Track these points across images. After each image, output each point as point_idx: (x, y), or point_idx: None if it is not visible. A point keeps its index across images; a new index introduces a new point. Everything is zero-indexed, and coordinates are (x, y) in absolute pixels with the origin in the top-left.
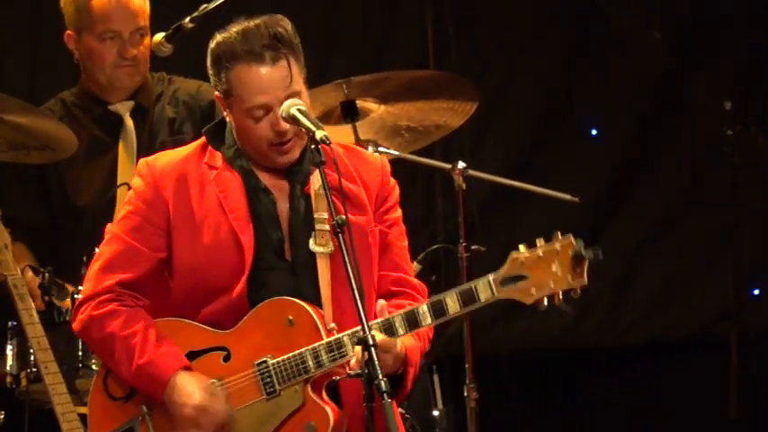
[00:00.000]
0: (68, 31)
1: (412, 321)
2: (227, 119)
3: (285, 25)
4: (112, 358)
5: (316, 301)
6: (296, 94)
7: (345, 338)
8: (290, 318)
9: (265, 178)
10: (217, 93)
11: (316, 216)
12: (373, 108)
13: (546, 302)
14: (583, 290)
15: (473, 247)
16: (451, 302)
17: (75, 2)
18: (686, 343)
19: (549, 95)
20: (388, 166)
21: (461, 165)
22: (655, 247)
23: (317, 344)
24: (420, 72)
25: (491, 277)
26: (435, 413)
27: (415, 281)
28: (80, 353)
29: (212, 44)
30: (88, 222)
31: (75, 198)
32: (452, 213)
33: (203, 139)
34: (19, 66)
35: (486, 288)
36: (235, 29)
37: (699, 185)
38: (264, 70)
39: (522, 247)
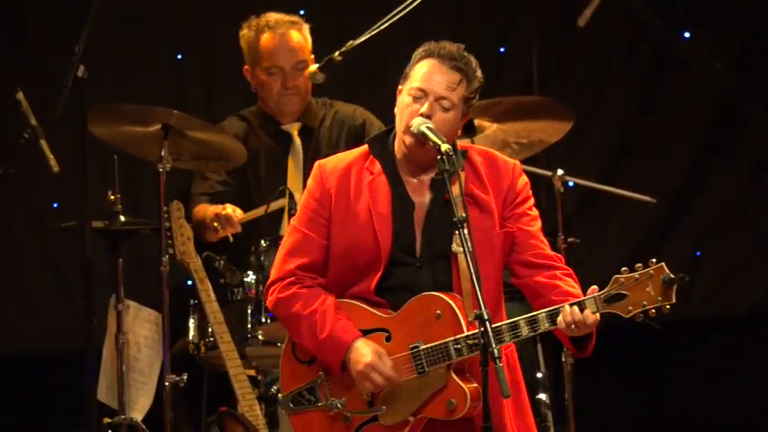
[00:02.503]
0: (246, 66)
1: (533, 324)
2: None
3: (472, 58)
4: (299, 333)
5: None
6: (447, 100)
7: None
8: (438, 312)
9: (412, 186)
10: (399, 87)
11: (455, 219)
12: (488, 126)
13: (641, 317)
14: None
15: (569, 240)
16: (564, 311)
17: (247, 43)
18: (746, 318)
19: (631, 114)
20: (519, 168)
21: (560, 172)
22: (719, 238)
23: (458, 336)
24: (526, 97)
25: (597, 295)
26: (539, 375)
27: (552, 252)
28: (248, 325)
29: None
30: (262, 219)
31: (252, 192)
32: (552, 212)
33: (366, 147)
34: (199, 92)
35: (592, 304)
36: (443, 43)
37: (755, 187)
38: (438, 66)
39: (623, 270)
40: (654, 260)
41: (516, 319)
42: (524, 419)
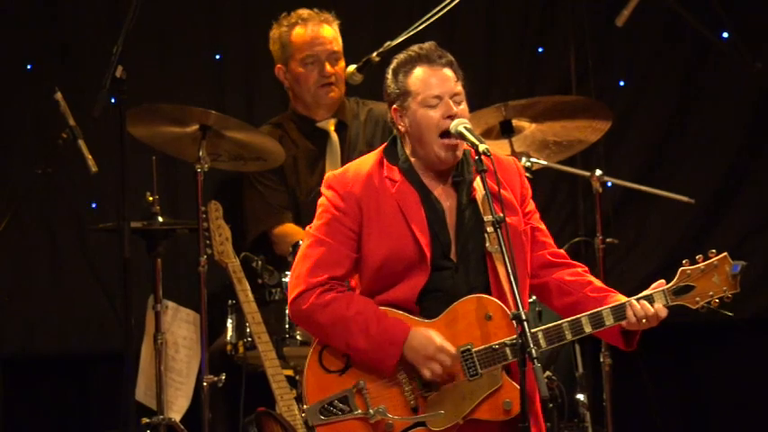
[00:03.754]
0: (278, 66)
1: (597, 321)
2: (402, 130)
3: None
4: (347, 336)
5: None
6: (459, 95)
7: (539, 333)
8: (489, 313)
9: (436, 190)
10: (394, 106)
11: (486, 219)
12: (526, 126)
13: (707, 307)
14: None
15: (608, 240)
16: (634, 305)
17: (279, 40)
18: None
19: (669, 114)
20: (521, 164)
21: (598, 172)
22: (757, 240)
23: (513, 336)
24: (564, 97)
25: (665, 288)
26: (577, 375)
27: (561, 250)
28: (286, 326)
29: (390, 66)
30: (303, 217)
31: (294, 197)
32: (591, 212)
33: (379, 155)
34: (237, 92)
35: (662, 297)
36: (412, 48)
37: None
38: (436, 70)
39: (685, 262)
40: (714, 251)
41: (578, 316)
42: (537, 418)
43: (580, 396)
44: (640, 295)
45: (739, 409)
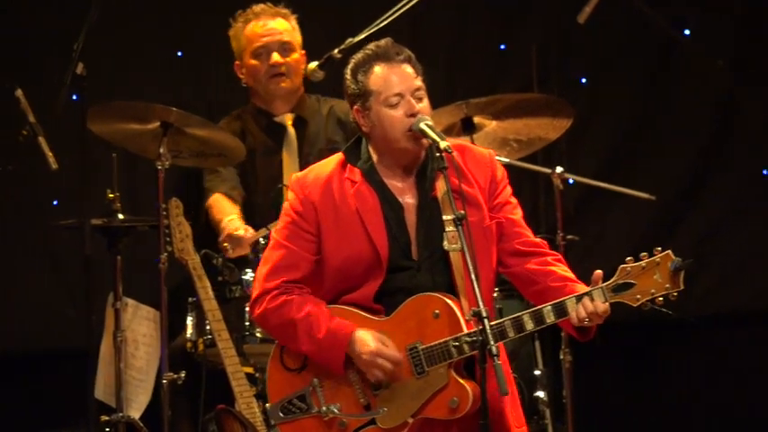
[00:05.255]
0: (236, 62)
1: (538, 319)
2: (365, 130)
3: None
4: (294, 339)
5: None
6: (420, 90)
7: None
8: (436, 311)
9: (396, 188)
10: (356, 106)
11: (445, 218)
12: (487, 123)
13: (649, 305)
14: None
15: (569, 237)
16: (570, 306)
17: (235, 34)
18: (746, 316)
19: (631, 111)
20: (494, 156)
21: (559, 169)
22: (719, 237)
23: (459, 334)
24: (526, 95)
25: (604, 285)
26: (537, 373)
27: (538, 239)
28: (246, 323)
29: (348, 66)
30: (258, 213)
31: (250, 192)
32: (552, 209)
33: (342, 156)
34: (198, 89)
35: (600, 295)
36: (366, 48)
37: (756, 187)
38: (395, 67)
39: (628, 260)
40: (659, 248)
41: (521, 313)
42: (517, 410)
43: (540, 393)
44: (581, 294)
45: (699, 406)
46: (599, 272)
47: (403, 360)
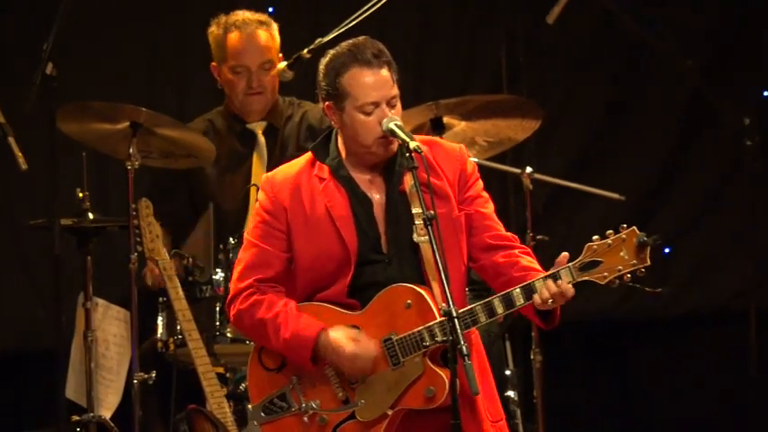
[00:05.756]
0: (213, 63)
1: (508, 302)
2: (335, 126)
3: (382, 45)
4: (265, 338)
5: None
6: (394, 98)
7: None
8: (409, 301)
9: (364, 183)
10: (328, 103)
11: (414, 212)
12: (456, 124)
13: (617, 282)
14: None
15: (538, 237)
16: (539, 285)
17: (215, 39)
18: (715, 315)
19: (600, 112)
20: (466, 150)
21: (528, 169)
22: (688, 237)
23: (431, 322)
24: (495, 96)
25: (571, 265)
26: (507, 372)
27: (509, 234)
28: (217, 323)
29: (324, 60)
30: (229, 218)
31: (219, 198)
32: (521, 209)
33: (311, 154)
34: (168, 90)
35: (567, 274)
36: (345, 45)
37: (725, 187)
38: (373, 72)
39: (595, 238)
40: (624, 225)
41: (491, 298)
42: (494, 403)
43: (510, 393)
44: (548, 273)
45: (671, 405)
46: (565, 253)
47: (378, 352)
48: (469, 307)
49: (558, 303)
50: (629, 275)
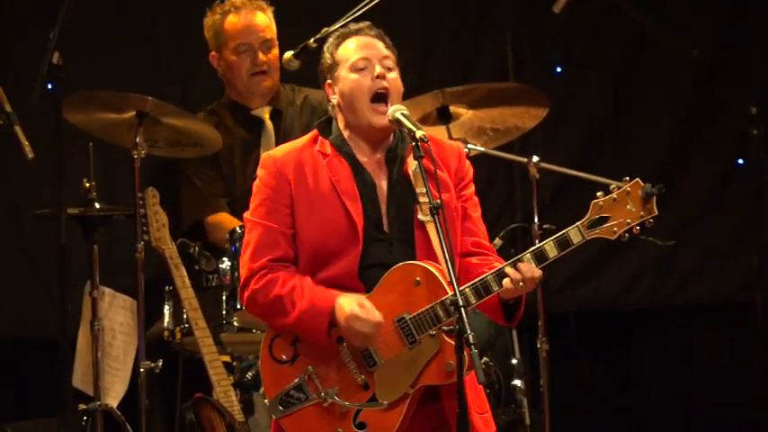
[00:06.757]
0: (212, 53)
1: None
2: (334, 100)
3: (382, 31)
4: (282, 313)
5: None
6: (389, 59)
7: (468, 290)
8: (418, 279)
9: (367, 164)
10: (327, 81)
11: (418, 191)
12: (463, 112)
13: (627, 236)
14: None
15: (544, 226)
16: (550, 249)
17: (213, 27)
18: (720, 307)
19: (607, 100)
20: (464, 151)
21: (535, 158)
22: (694, 229)
23: (444, 297)
24: (501, 84)
25: (579, 224)
26: (513, 362)
27: (488, 243)
28: (224, 312)
29: (327, 41)
30: (240, 208)
31: (231, 187)
32: (528, 198)
33: (315, 132)
34: (173, 80)
35: (577, 234)
36: (346, 26)
37: (731, 178)
38: (365, 36)
39: (599, 194)
40: (627, 178)
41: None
42: (479, 396)
43: (517, 382)
44: (535, 247)
45: (675, 395)
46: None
47: (392, 331)
48: (473, 282)
49: (527, 288)
50: (637, 228)
